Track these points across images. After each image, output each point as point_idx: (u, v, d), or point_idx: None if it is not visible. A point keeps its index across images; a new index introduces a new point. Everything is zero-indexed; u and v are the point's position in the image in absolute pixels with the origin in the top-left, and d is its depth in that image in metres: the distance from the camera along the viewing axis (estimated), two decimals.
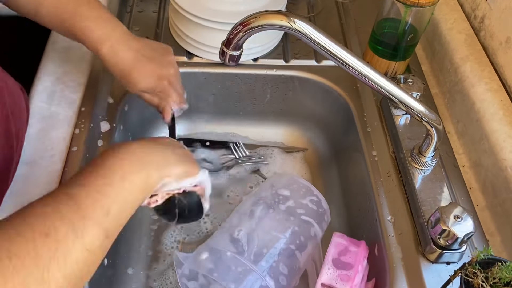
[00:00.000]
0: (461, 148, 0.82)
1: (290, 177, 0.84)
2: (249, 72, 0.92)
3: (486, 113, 0.76)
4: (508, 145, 0.71)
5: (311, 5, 1.04)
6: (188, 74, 0.90)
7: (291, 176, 0.84)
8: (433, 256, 0.66)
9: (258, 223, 0.74)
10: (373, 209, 0.74)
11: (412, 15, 0.81)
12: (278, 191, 0.80)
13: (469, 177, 0.78)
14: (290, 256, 0.72)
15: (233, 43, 0.63)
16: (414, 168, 0.74)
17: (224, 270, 0.68)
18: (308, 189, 0.80)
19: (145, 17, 0.98)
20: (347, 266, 0.68)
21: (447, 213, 0.63)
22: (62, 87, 0.81)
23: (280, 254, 0.71)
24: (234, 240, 0.72)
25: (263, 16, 0.59)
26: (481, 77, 0.81)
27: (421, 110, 0.66)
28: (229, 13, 0.84)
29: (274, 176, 0.86)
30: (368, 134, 0.82)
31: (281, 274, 0.70)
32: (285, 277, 0.70)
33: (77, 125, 0.77)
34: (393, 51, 0.86)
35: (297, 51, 0.94)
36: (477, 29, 0.90)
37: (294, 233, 0.74)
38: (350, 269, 0.68)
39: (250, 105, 0.97)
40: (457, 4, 0.96)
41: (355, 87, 0.89)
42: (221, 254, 0.69)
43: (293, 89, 0.94)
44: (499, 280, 0.52)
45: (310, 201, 0.80)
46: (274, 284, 0.68)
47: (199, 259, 0.69)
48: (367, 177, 0.77)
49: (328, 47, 0.60)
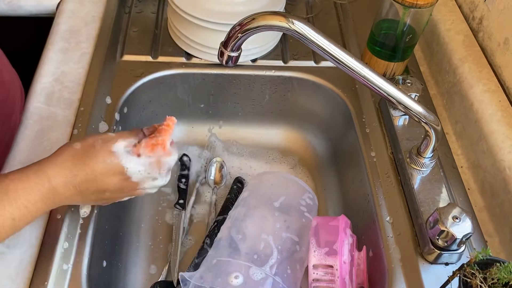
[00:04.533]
0: (460, 149, 0.82)
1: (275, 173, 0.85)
2: (247, 73, 0.92)
3: (484, 114, 0.76)
4: (507, 146, 0.72)
5: (309, 6, 1.04)
6: (186, 75, 0.90)
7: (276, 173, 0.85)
8: (431, 257, 0.66)
9: (256, 226, 0.75)
10: (371, 210, 0.74)
11: (411, 16, 0.81)
12: (264, 190, 0.81)
13: (468, 178, 0.78)
14: (292, 252, 0.73)
15: (231, 44, 0.63)
16: (412, 169, 0.74)
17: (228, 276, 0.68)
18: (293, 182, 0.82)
19: (143, 18, 0.98)
20: (331, 242, 0.70)
21: (446, 214, 0.63)
22: (61, 88, 0.81)
23: (281, 251, 0.71)
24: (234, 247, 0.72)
25: (261, 17, 0.60)
26: (479, 78, 0.81)
27: (419, 111, 0.66)
28: (227, 14, 0.84)
29: (260, 175, 0.86)
30: (366, 135, 0.82)
31: (286, 272, 0.70)
32: (289, 274, 0.71)
33: (76, 126, 0.77)
34: (392, 52, 0.86)
35: (295, 52, 0.94)
36: (476, 30, 0.90)
37: (291, 228, 0.75)
38: (335, 243, 0.69)
39: (249, 106, 0.97)
40: (456, 5, 0.96)
41: (354, 88, 0.89)
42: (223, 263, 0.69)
43: (292, 90, 0.94)
44: (497, 281, 0.52)
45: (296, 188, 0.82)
46: (281, 280, 0.68)
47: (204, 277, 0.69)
48: (366, 178, 0.77)
49: (326, 48, 0.60)
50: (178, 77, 0.90)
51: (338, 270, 0.68)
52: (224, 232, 0.75)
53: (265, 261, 0.70)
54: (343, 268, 0.68)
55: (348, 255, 0.69)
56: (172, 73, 0.90)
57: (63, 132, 0.76)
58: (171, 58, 0.91)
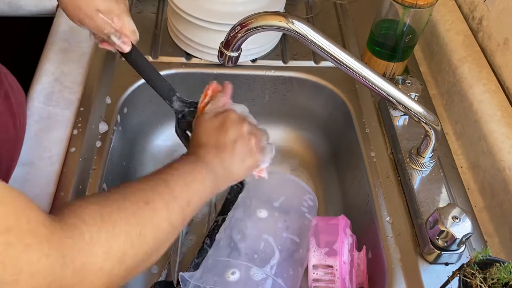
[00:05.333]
0: (459, 149, 0.82)
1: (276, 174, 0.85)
2: (247, 73, 0.92)
3: (484, 114, 0.76)
4: (506, 146, 0.72)
5: (309, 6, 1.04)
6: (186, 75, 0.90)
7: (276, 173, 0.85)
8: (431, 257, 0.66)
9: (256, 226, 0.75)
10: (371, 210, 0.74)
11: (410, 16, 0.81)
12: (265, 190, 0.81)
13: (467, 178, 0.78)
14: (292, 252, 0.73)
15: (231, 44, 0.63)
16: (412, 169, 0.74)
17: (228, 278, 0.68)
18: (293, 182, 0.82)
19: (143, 18, 0.97)
20: (331, 242, 0.70)
21: (446, 214, 0.63)
22: (61, 88, 0.81)
23: (281, 252, 0.71)
24: (234, 247, 0.72)
25: (261, 17, 0.60)
26: (479, 78, 0.81)
27: (419, 111, 0.66)
28: (227, 14, 0.84)
29: None
30: (366, 135, 0.82)
31: (286, 272, 0.70)
32: (289, 274, 0.71)
33: (75, 126, 0.77)
34: (392, 52, 0.86)
35: (295, 52, 0.94)
36: (475, 30, 0.90)
37: (291, 229, 0.75)
38: (334, 243, 0.69)
39: (249, 106, 0.97)
40: (455, 5, 0.96)
41: (354, 88, 0.89)
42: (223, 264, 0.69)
43: (292, 90, 0.94)
44: (497, 281, 0.52)
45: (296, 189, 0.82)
46: (281, 280, 0.68)
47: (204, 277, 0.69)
48: (366, 178, 0.77)
49: (326, 48, 0.60)
50: (178, 77, 0.90)
51: (338, 270, 0.68)
52: (224, 233, 0.75)
53: (266, 261, 0.70)
54: (343, 268, 0.68)
55: (348, 255, 0.69)
56: (172, 73, 0.90)
57: (63, 132, 0.76)
58: (171, 58, 0.91)
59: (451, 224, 0.62)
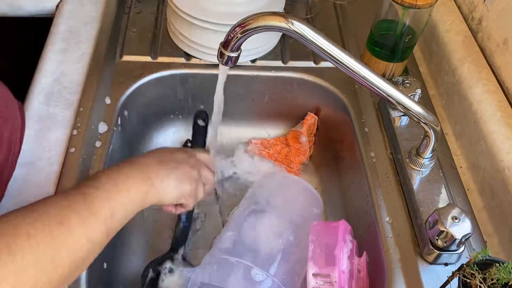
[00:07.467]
0: (459, 149, 0.82)
1: (282, 174, 0.84)
2: (247, 74, 0.92)
3: (483, 115, 0.76)
4: (506, 147, 0.72)
5: (309, 7, 1.04)
6: (186, 75, 0.90)
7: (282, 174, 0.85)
8: (431, 257, 0.66)
9: (261, 226, 0.74)
10: (371, 210, 0.74)
11: (410, 17, 0.81)
12: (271, 191, 0.80)
13: (467, 178, 0.78)
14: (294, 255, 0.73)
15: (231, 45, 0.63)
16: (412, 169, 0.74)
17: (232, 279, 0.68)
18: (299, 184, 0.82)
19: (143, 19, 0.97)
20: (330, 249, 0.69)
21: (445, 214, 0.63)
22: (60, 88, 0.81)
23: (285, 254, 0.71)
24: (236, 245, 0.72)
25: (261, 18, 0.60)
26: (478, 78, 0.81)
27: (419, 111, 0.66)
28: (227, 15, 0.84)
29: (265, 176, 0.86)
30: (366, 136, 0.82)
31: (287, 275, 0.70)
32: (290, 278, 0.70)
33: (75, 126, 0.77)
34: (391, 52, 0.86)
35: (295, 53, 0.94)
36: (475, 31, 0.90)
37: (294, 231, 0.74)
38: (334, 249, 0.68)
39: (248, 106, 0.97)
40: (455, 6, 0.96)
41: (353, 89, 0.89)
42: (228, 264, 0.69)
43: (291, 91, 0.94)
44: (497, 281, 0.52)
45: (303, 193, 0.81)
46: (282, 283, 0.68)
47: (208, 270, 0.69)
48: (365, 178, 0.77)
49: (326, 48, 0.60)
50: (178, 77, 0.90)
51: (337, 281, 0.67)
52: (227, 231, 0.75)
53: (267, 262, 0.70)
54: (342, 278, 0.67)
55: (347, 263, 0.68)
56: (172, 73, 0.90)
57: (63, 133, 0.76)
58: (170, 59, 0.91)
59: (451, 224, 0.62)
